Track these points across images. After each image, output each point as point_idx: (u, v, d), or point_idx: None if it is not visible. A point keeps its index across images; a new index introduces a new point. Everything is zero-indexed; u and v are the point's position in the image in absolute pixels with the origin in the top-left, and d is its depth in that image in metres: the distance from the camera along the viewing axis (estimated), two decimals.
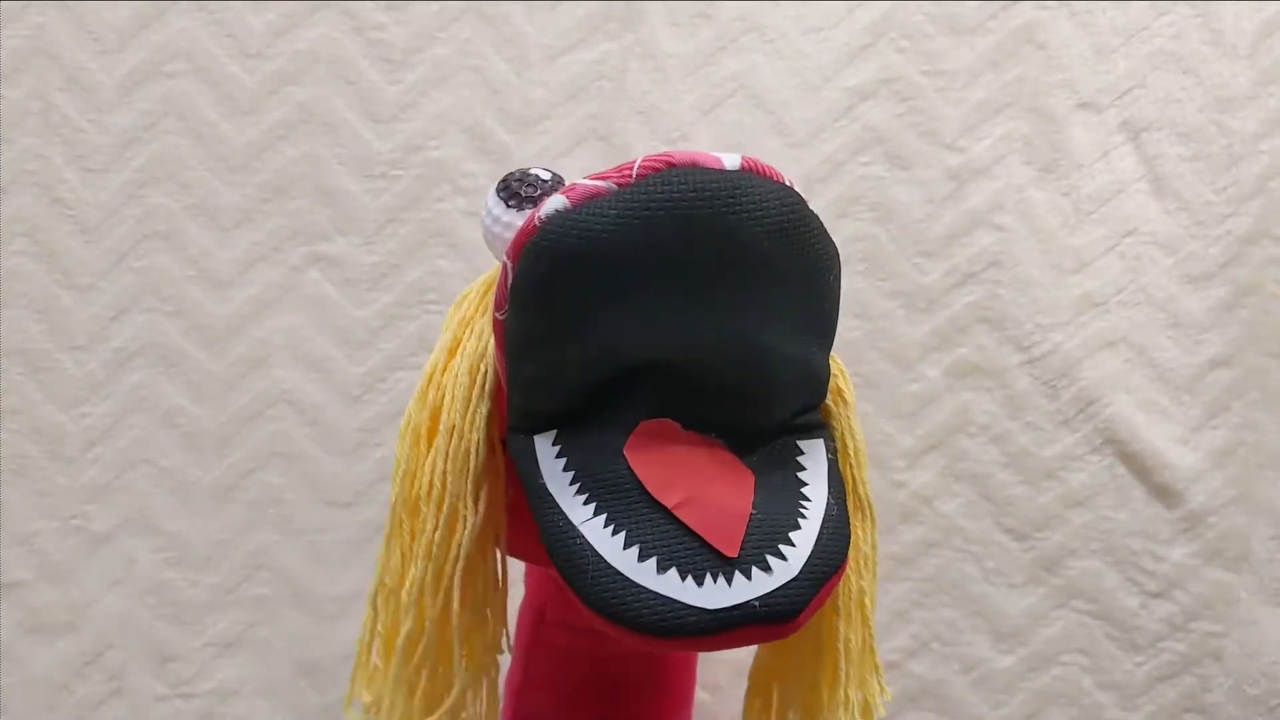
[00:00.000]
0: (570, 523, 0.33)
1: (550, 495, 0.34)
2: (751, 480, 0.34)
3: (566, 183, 0.36)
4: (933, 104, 0.62)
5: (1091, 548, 0.61)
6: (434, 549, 0.38)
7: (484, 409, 0.38)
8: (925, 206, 0.61)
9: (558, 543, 0.33)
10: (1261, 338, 0.61)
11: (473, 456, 0.37)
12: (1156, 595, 0.61)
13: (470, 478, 0.38)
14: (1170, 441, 0.61)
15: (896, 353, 0.61)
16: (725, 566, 0.31)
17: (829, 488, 0.35)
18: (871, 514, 0.41)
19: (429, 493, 0.38)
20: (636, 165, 0.33)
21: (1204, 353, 0.61)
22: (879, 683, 0.42)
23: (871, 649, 0.42)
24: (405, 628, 0.38)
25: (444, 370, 0.39)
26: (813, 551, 0.33)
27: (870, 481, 0.60)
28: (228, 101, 0.61)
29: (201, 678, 0.61)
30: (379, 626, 0.40)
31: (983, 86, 0.62)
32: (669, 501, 0.33)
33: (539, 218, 0.33)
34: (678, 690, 0.48)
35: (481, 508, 0.38)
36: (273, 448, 0.61)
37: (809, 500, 0.34)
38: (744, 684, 0.45)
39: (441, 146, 0.61)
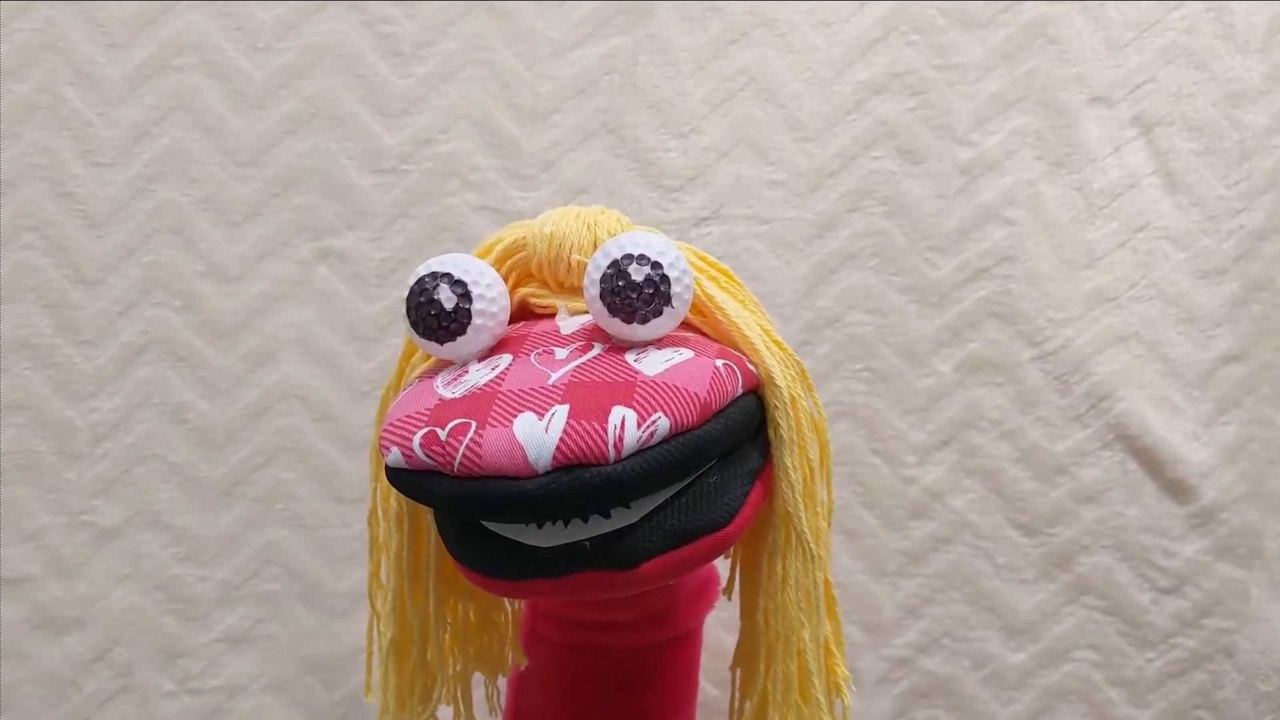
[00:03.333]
0: None
1: None
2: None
3: (475, 317, 0.36)
4: (944, 98, 0.61)
5: (1103, 544, 0.61)
6: (404, 561, 0.40)
7: None
8: (936, 201, 0.61)
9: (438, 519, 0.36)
10: (1273, 333, 0.61)
11: None
12: (1168, 591, 0.61)
13: None
14: (1182, 437, 0.61)
15: (907, 348, 0.61)
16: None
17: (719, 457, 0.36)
18: (812, 553, 0.39)
19: (386, 508, 0.41)
20: (458, 456, 0.31)
21: (1216, 348, 0.61)
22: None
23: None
24: (389, 635, 0.41)
25: (395, 387, 0.42)
26: (663, 506, 0.34)
27: (881, 477, 0.60)
28: (236, 96, 0.61)
29: (210, 673, 0.61)
30: (375, 630, 0.43)
31: (994, 80, 0.61)
32: None
33: (387, 460, 0.33)
34: (679, 687, 0.47)
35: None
36: (281, 443, 0.61)
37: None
38: None
39: (451, 141, 0.61)
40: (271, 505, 0.61)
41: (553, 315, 0.40)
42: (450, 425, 0.32)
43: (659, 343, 0.37)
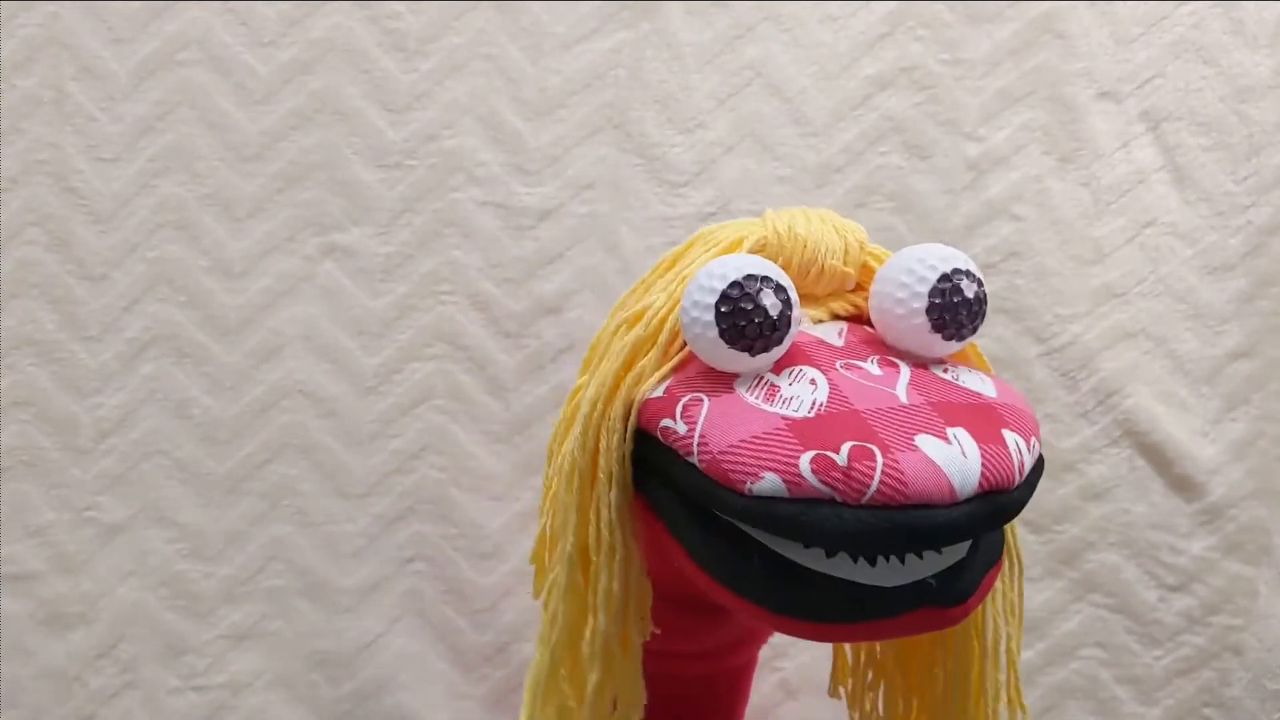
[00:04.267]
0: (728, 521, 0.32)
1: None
2: None
3: (793, 325, 0.33)
4: (951, 93, 0.61)
5: (1110, 541, 0.61)
6: (614, 599, 0.36)
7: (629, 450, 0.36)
8: (944, 196, 0.61)
9: (710, 549, 0.33)
10: None
11: (629, 500, 0.37)
12: (1176, 589, 0.61)
13: (630, 522, 0.37)
14: (1190, 433, 0.61)
15: None
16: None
17: None
18: (1020, 564, 0.40)
19: (598, 543, 0.36)
20: (874, 482, 0.29)
21: (1224, 344, 0.61)
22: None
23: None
24: (593, 679, 0.37)
25: (604, 409, 0.36)
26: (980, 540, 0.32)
27: None
28: (241, 91, 0.61)
29: (215, 670, 0.61)
30: (560, 676, 0.39)
31: (1002, 75, 0.61)
32: None
33: (749, 489, 0.30)
34: (737, 707, 0.48)
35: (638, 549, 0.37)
36: (286, 439, 0.60)
37: None
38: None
39: (456, 136, 0.61)
40: (277, 501, 0.61)
41: None
42: (846, 449, 0.29)
43: (947, 361, 0.35)
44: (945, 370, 0.35)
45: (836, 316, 0.38)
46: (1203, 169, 0.61)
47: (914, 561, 0.30)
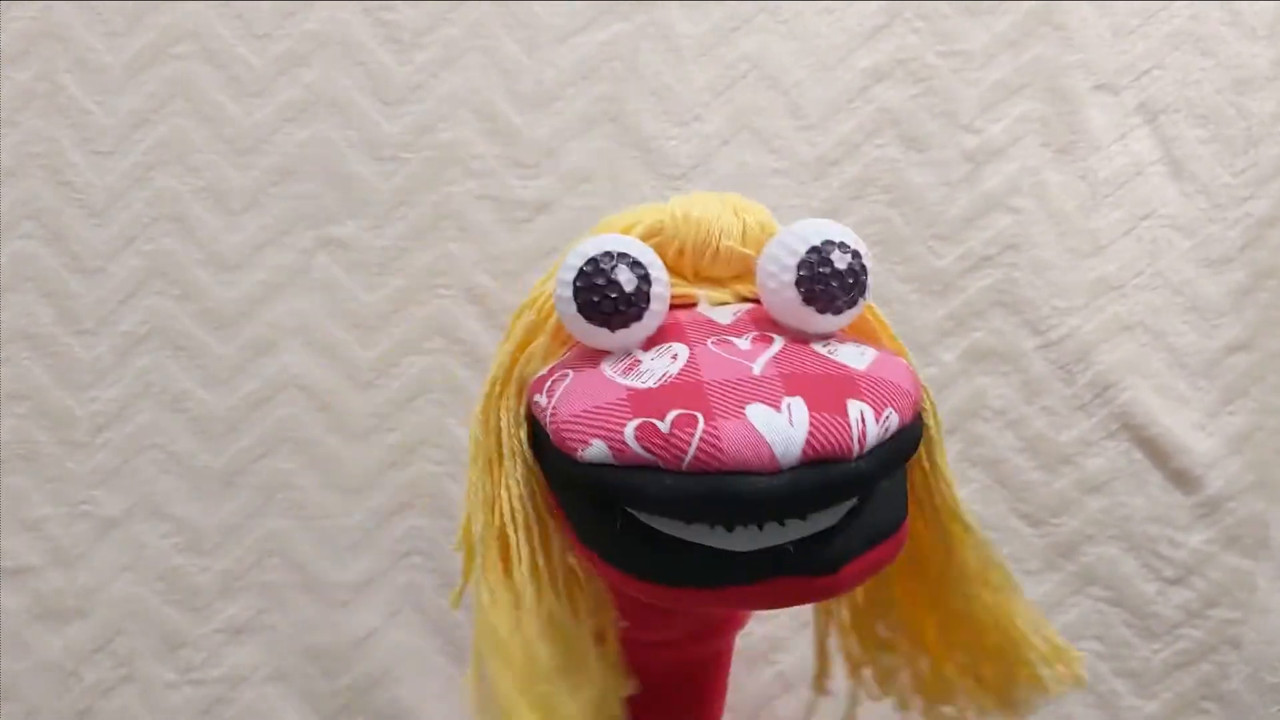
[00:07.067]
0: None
1: None
2: None
3: (653, 301, 0.33)
4: (948, 85, 0.61)
5: (1108, 534, 0.60)
6: (540, 573, 0.36)
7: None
8: (940, 189, 0.61)
9: (580, 516, 0.33)
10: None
11: (535, 476, 0.36)
12: (1174, 582, 0.60)
13: (543, 496, 0.37)
14: (1188, 427, 0.61)
15: (911, 337, 0.60)
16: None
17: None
18: (984, 539, 0.40)
19: (513, 519, 0.36)
20: (691, 448, 0.29)
21: (1222, 337, 0.61)
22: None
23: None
24: (544, 652, 0.36)
25: (501, 390, 0.37)
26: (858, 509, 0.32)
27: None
28: (236, 83, 0.60)
29: (211, 664, 0.61)
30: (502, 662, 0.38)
31: (999, 67, 0.61)
32: None
33: (580, 456, 0.30)
34: (715, 696, 0.48)
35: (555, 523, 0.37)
36: (282, 433, 0.60)
37: None
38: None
39: (452, 128, 0.60)
40: (272, 495, 0.60)
41: (689, 305, 0.37)
42: (671, 416, 0.29)
43: (834, 337, 0.35)
44: (825, 345, 0.34)
45: (744, 299, 0.38)
46: (1201, 161, 0.61)
47: (774, 529, 0.30)
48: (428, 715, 0.61)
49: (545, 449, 0.35)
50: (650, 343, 0.35)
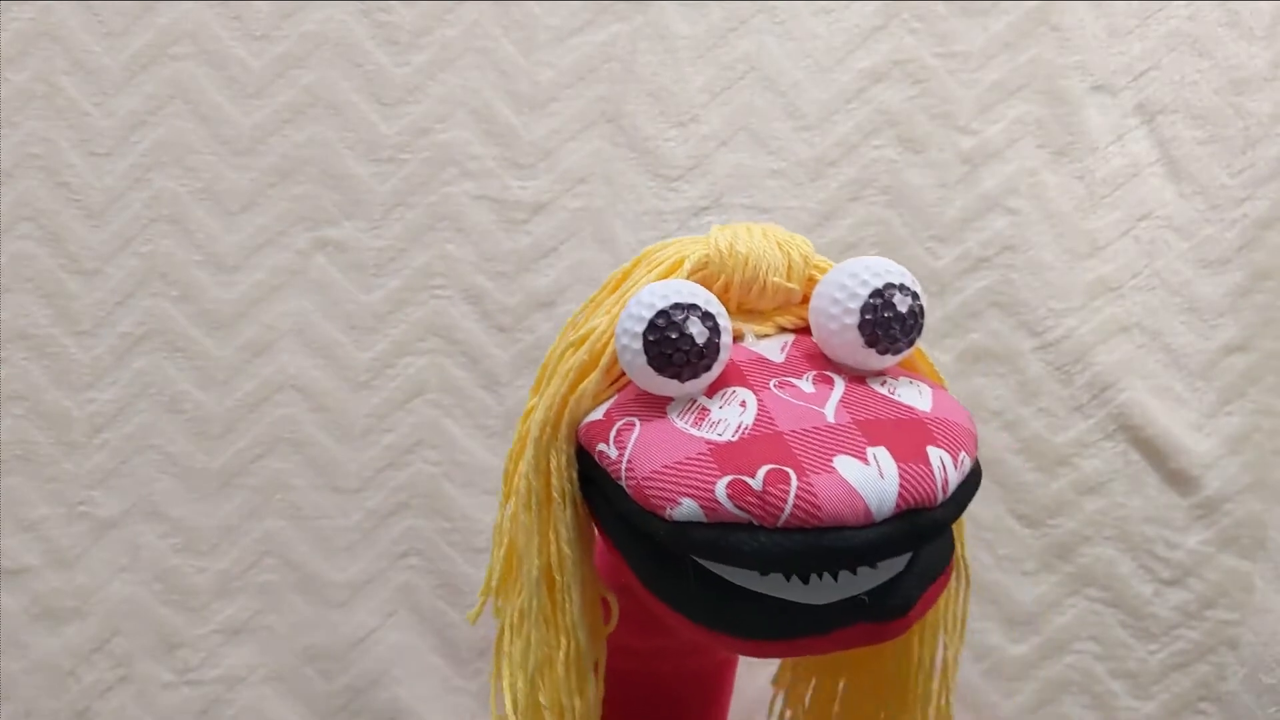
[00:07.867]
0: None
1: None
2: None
3: (722, 351, 0.33)
4: (945, 86, 0.61)
5: (1105, 535, 0.60)
6: (584, 620, 0.37)
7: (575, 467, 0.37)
8: (938, 190, 0.61)
9: (649, 567, 0.33)
10: (1277, 322, 0.60)
11: (583, 519, 0.37)
12: (1171, 583, 0.60)
13: (588, 540, 0.37)
14: (1185, 428, 0.60)
15: None
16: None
17: None
18: (967, 576, 0.40)
19: (560, 562, 0.37)
20: (788, 506, 0.29)
21: (1219, 338, 0.61)
22: None
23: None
24: (577, 705, 0.38)
25: (553, 433, 0.37)
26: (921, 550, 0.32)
27: None
28: (233, 84, 0.61)
29: (208, 664, 0.61)
30: (539, 703, 0.39)
31: (996, 68, 0.61)
32: None
33: (669, 515, 0.30)
34: (718, 703, 0.48)
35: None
36: (279, 433, 0.60)
37: None
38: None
39: (449, 129, 0.61)
40: (269, 496, 0.60)
41: (736, 339, 0.37)
42: (762, 473, 0.29)
43: (887, 372, 0.35)
44: (883, 383, 0.34)
45: (783, 329, 0.38)
46: (1198, 162, 0.61)
47: (847, 578, 0.30)
48: (424, 715, 0.61)
49: (601, 492, 0.35)
50: (711, 388, 0.34)
